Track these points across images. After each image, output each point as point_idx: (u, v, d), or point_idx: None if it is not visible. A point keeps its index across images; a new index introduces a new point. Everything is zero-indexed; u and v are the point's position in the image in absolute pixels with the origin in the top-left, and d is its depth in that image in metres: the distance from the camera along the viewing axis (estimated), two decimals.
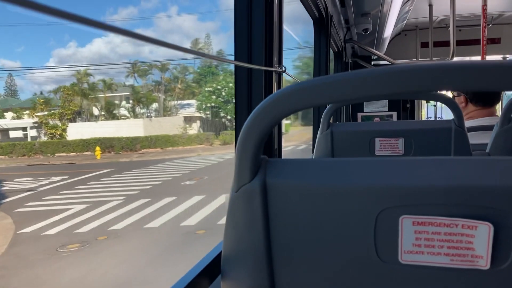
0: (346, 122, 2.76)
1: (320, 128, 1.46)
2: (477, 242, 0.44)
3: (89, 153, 27.09)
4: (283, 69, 1.14)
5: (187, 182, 14.59)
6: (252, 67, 1.05)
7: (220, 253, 0.59)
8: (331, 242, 0.50)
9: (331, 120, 1.43)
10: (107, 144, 27.67)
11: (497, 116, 2.06)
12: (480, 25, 2.81)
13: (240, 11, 1.05)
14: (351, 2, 2.46)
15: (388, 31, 3.26)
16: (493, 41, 3.80)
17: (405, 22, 3.56)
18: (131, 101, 35.68)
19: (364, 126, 1.41)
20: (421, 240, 0.46)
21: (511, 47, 3.86)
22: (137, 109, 35.75)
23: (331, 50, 2.78)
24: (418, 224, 0.46)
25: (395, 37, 4.08)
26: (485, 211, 0.44)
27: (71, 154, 27.57)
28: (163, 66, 36.16)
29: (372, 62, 4.40)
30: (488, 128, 1.74)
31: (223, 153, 24.28)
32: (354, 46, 3.86)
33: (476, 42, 3.41)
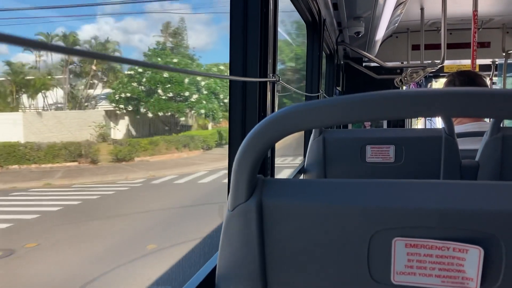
0: (338, 129, 2.77)
1: (312, 134, 1.47)
2: (467, 265, 0.45)
3: None
4: (278, 78, 1.15)
5: None
6: (247, 80, 1.06)
7: (214, 268, 0.59)
8: (325, 262, 0.51)
9: None
10: None
11: (485, 121, 2.09)
12: (470, 29, 2.85)
13: (236, 24, 1.06)
14: (344, 6, 2.48)
15: (380, 34, 3.28)
16: (483, 45, 3.85)
17: (396, 24, 3.58)
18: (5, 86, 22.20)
19: (356, 133, 1.42)
20: (413, 262, 0.47)
21: (500, 52, 3.92)
22: (25, 99, 23.08)
23: (323, 53, 2.80)
24: (411, 246, 0.47)
25: (387, 39, 4.11)
26: (476, 235, 0.45)
27: None
28: (66, 38, 23.08)
29: (364, 64, 4.43)
30: (478, 134, 1.77)
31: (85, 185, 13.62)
32: (346, 48, 3.88)
33: (467, 45, 3.45)
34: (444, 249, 0.46)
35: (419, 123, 6.46)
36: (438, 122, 5.53)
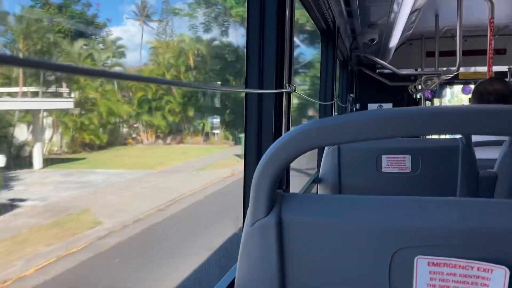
0: None
1: None
2: (492, 285, 0.44)
3: None
4: (293, 88, 1.15)
5: None
6: (263, 92, 1.06)
7: (233, 281, 0.59)
8: (346, 279, 0.50)
9: None
10: None
11: None
12: (486, 35, 2.81)
13: (252, 35, 1.06)
14: (358, 13, 2.47)
15: (394, 41, 3.26)
16: (499, 52, 3.80)
17: (411, 31, 3.56)
18: None
19: (371, 143, 1.41)
20: (436, 281, 0.46)
21: None
22: None
23: (337, 60, 2.79)
24: (433, 265, 0.46)
25: (401, 46, 4.09)
26: (501, 254, 0.44)
27: None
28: None
29: (377, 71, 4.41)
30: (496, 143, 1.74)
31: None
32: (360, 55, 3.87)
33: (482, 52, 3.41)
34: (468, 269, 0.45)
35: None
36: None
